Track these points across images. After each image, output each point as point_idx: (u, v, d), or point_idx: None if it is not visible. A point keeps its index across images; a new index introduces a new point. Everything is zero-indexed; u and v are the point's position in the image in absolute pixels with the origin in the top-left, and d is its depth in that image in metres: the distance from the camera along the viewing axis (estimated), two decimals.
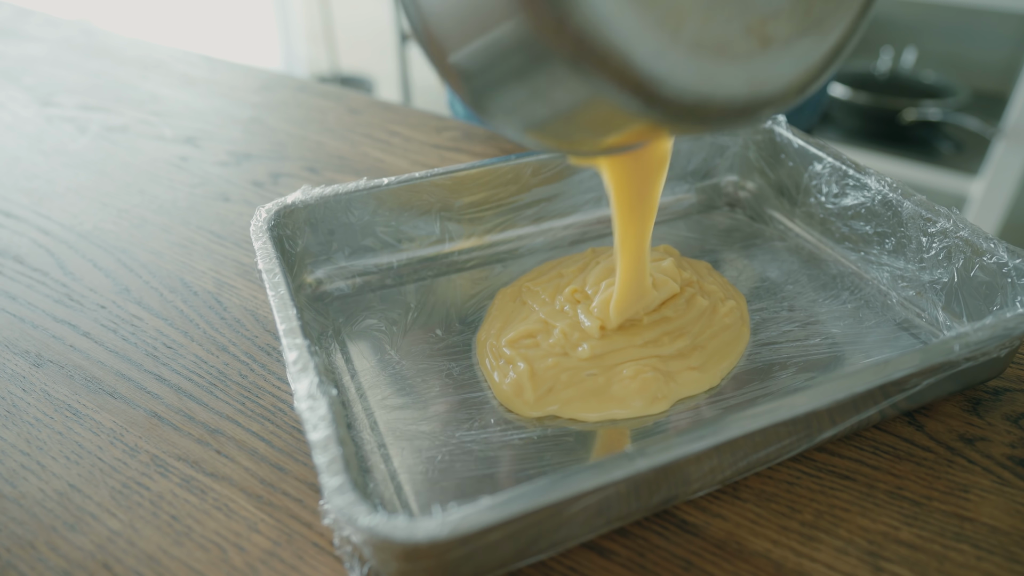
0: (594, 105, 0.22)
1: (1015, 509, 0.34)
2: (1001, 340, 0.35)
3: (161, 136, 0.71)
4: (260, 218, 0.45)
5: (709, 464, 0.32)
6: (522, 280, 0.48)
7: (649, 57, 0.20)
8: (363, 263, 0.49)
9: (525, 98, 0.23)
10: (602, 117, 0.23)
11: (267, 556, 0.33)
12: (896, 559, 0.32)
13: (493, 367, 0.41)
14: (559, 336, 0.42)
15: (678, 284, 0.44)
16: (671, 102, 0.21)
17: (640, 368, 0.40)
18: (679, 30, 0.20)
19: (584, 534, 0.32)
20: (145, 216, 0.58)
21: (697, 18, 0.20)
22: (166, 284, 0.50)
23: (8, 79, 0.84)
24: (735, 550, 0.33)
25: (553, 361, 0.41)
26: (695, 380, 0.40)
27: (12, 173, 0.65)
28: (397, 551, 0.27)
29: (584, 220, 0.54)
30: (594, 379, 0.40)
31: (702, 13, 0.20)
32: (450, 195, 0.49)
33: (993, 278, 0.41)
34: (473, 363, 0.42)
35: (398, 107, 0.77)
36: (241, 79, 0.85)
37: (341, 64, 2.67)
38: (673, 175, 0.56)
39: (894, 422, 0.38)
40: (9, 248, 0.54)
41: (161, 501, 0.35)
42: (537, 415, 0.39)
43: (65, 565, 0.33)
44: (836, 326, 0.44)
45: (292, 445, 0.38)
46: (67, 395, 0.41)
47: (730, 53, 0.21)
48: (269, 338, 0.45)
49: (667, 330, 0.43)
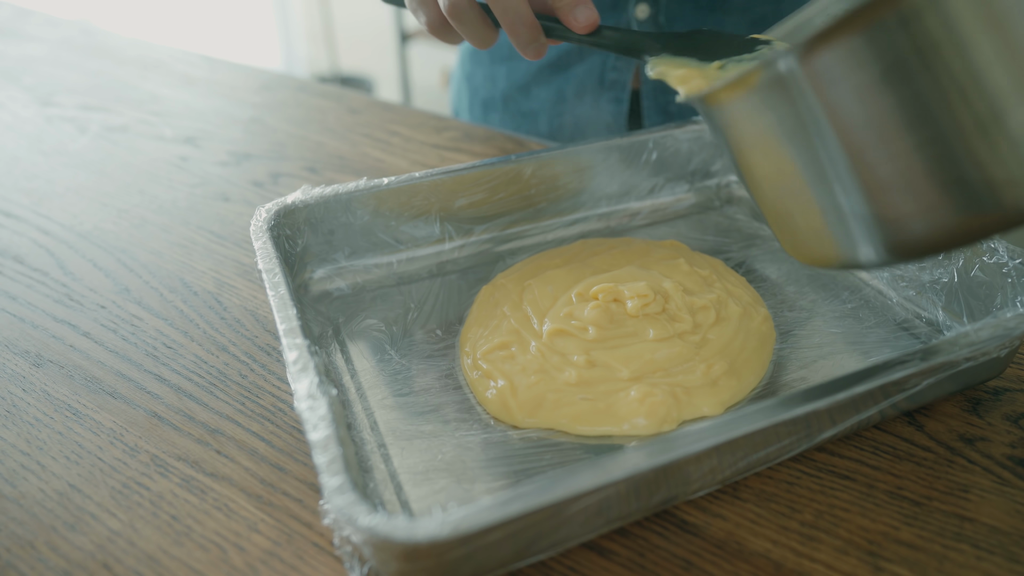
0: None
1: (1015, 509, 0.34)
2: (1001, 340, 0.35)
3: (161, 136, 0.71)
4: (260, 218, 0.45)
5: (709, 464, 0.32)
6: (498, 278, 0.47)
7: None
8: (363, 263, 0.49)
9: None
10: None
11: (267, 556, 0.33)
12: (896, 559, 0.32)
13: (473, 380, 0.41)
14: (536, 354, 0.41)
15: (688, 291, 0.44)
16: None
17: (648, 390, 0.38)
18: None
19: (584, 534, 0.32)
20: (145, 216, 0.58)
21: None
22: (166, 284, 0.50)
23: (8, 79, 0.84)
24: (735, 550, 0.33)
25: (536, 379, 0.39)
26: (716, 403, 0.38)
27: (12, 173, 0.65)
28: (397, 551, 0.27)
29: (584, 220, 0.54)
30: (591, 403, 0.38)
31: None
32: (450, 195, 0.49)
33: (993, 278, 0.41)
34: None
35: (398, 107, 0.77)
36: (241, 79, 0.85)
37: (341, 64, 2.67)
38: (673, 175, 0.56)
39: (894, 422, 0.38)
40: (9, 248, 0.54)
41: (161, 501, 0.35)
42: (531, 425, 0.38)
43: (65, 565, 0.33)
44: (836, 326, 0.44)
45: (292, 445, 0.38)
46: (67, 395, 0.41)
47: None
48: (269, 338, 0.45)
49: (704, 356, 0.41)
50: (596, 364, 0.40)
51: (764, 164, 0.33)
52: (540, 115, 0.75)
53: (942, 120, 0.26)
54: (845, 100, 0.27)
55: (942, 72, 0.25)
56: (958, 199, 0.27)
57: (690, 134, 0.55)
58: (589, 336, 0.41)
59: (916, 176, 0.27)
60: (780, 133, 0.30)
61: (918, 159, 0.27)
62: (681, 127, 0.55)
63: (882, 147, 0.27)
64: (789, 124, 0.30)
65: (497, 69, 0.77)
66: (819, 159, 0.30)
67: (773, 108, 0.30)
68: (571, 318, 0.43)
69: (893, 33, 0.25)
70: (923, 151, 0.27)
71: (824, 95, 0.28)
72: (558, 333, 0.42)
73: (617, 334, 0.42)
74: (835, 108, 0.28)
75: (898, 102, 0.26)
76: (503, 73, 0.76)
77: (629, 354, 0.40)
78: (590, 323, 0.42)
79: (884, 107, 0.27)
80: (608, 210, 0.55)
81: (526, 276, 0.47)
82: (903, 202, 0.28)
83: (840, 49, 0.27)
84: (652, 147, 0.54)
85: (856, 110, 0.27)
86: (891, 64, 0.26)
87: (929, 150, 0.27)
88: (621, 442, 0.37)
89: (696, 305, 0.43)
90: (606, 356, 0.40)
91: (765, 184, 0.34)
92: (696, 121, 0.55)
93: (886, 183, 0.28)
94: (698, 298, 0.44)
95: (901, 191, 0.28)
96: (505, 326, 0.43)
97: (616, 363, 0.40)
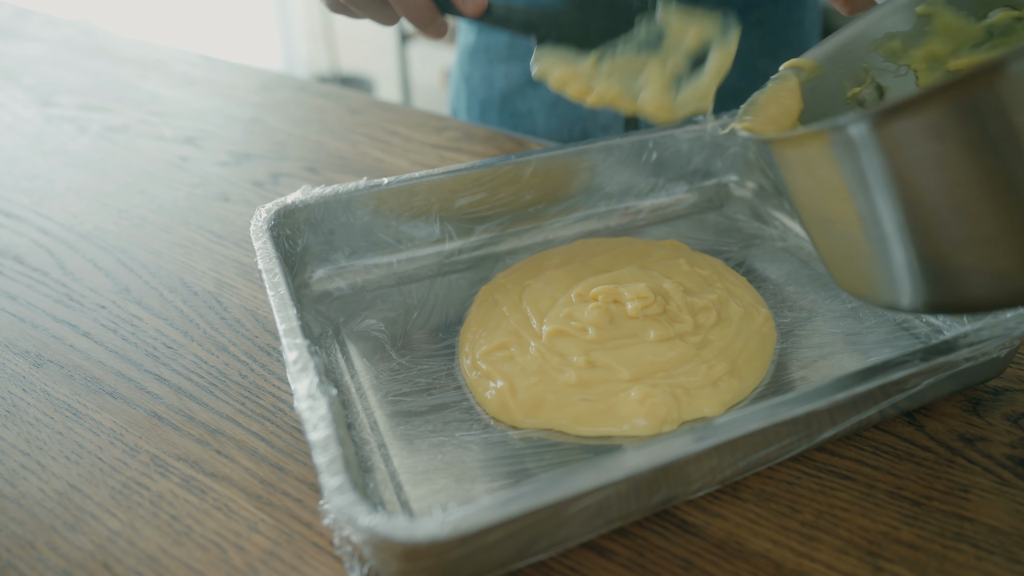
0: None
1: (1015, 509, 0.34)
2: (1001, 340, 0.35)
3: (161, 136, 0.71)
4: (260, 218, 0.45)
5: (709, 464, 0.32)
6: (497, 278, 0.47)
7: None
8: (363, 263, 0.49)
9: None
10: None
11: (267, 556, 0.33)
12: (896, 559, 0.32)
13: (472, 381, 0.40)
14: (535, 355, 0.41)
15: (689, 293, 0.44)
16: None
17: (648, 391, 0.38)
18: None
19: (584, 534, 0.32)
20: (145, 216, 0.58)
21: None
22: (166, 284, 0.50)
23: (8, 79, 0.84)
24: (735, 550, 0.33)
25: (535, 379, 0.39)
26: (717, 404, 0.38)
27: (12, 173, 0.65)
28: (397, 551, 0.27)
29: (584, 220, 0.54)
30: (591, 403, 0.38)
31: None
32: (450, 195, 0.49)
33: None
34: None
35: (398, 107, 0.77)
36: (241, 79, 0.85)
37: (341, 64, 2.67)
38: (673, 175, 0.56)
39: (894, 422, 0.38)
40: (9, 248, 0.54)
41: (161, 501, 0.35)
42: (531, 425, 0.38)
43: (65, 565, 0.33)
44: (836, 326, 0.44)
45: (292, 445, 0.38)
46: (67, 395, 0.41)
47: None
48: (269, 338, 0.45)
49: (705, 357, 0.41)
50: (596, 365, 0.40)
51: (822, 210, 0.33)
52: (538, 116, 0.75)
53: (1011, 196, 0.26)
54: (915, 167, 0.27)
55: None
56: (1014, 272, 0.28)
57: (690, 134, 0.55)
58: (589, 337, 0.41)
59: (975, 246, 0.28)
60: (840, 185, 0.30)
61: (988, 226, 0.27)
62: (681, 127, 0.55)
63: (947, 213, 0.28)
64: (852, 180, 0.29)
65: (495, 70, 0.77)
66: (878, 215, 0.29)
67: (837, 162, 0.30)
68: (571, 319, 0.42)
69: (980, 110, 0.25)
70: (984, 223, 0.27)
71: (894, 160, 0.28)
72: (558, 334, 0.42)
73: (617, 335, 0.41)
74: (903, 173, 0.28)
75: (977, 172, 0.26)
76: (501, 74, 0.76)
77: (629, 355, 0.40)
78: (590, 324, 0.42)
79: (954, 179, 0.27)
80: (608, 210, 0.55)
81: (525, 276, 0.47)
82: (957, 267, 0.28)
83: (923, 120, 0.26)
84: (652, 147, 0.54)
85: (925, 177, 0.27)
86: (974, 139, 0.26)
87: (991, 223, 0.27)
88: (621, 443, 0.37)
89: (697, 306, 0.43)
90: (606, 357, 0.40)
91: (820, 226, 0.34)
92: (696, 121, 0.55)
93: (943, 248, 0.28)
94: (699, 298, 0.44)
95: (958, 256, 0.28)
96: (504, 326, 0.43)
97: (616, 364, 0.40)
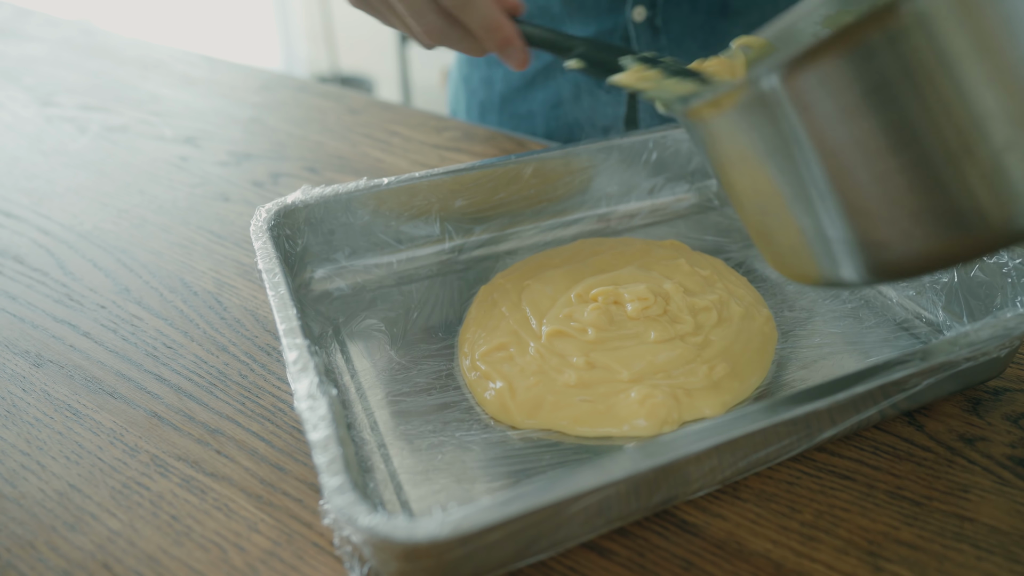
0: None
1: (1015, 509, 0.34)
2: (1001, 340, 0.35)
3: (161, 136, 0.71)
4: (260, 218, 0.45)
5: (709, 464, 0.32)
6: (497, 278, 0.47)
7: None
8: (363, 263, 0.49)
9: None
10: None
11: (267, 556, 0.33)
12: (896, 559, 0.32)
13: (472, 381, 0.40)
14: (535, 355, 0.41)
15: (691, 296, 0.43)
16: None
17: (649, 392, 0.38)
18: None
19: (584, 534, 0.32)
20: (145, 216, 0.58)
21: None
22: (166, 284, 0.50)
23: (8, 79, 0.84)
24: (735, 550, 0.33)
25: (535, 380, 0.39)
26: (718, 404, 0.38)
27: (12, 173, 0.65)
28: (397, 551, 0.27)
29: (583, 220, 0.54)
30: (591, 404, 0.38)
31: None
32: (450, 195, 0.49)
33: (993, 278, 0.41)
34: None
35: (398, 107, 0.77)
36: (241, 79, 0.85)
37: (341, 64, 2.67)
38: (673, 175, 0.56)
39: (894, 422, 0.38)
40: (9, 248, 0.54)
41: (161, 501, 0.35)
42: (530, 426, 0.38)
43: (65, 565, 0.33)
44: (836, 326, 0.44)
45: (292, 445, 0.38)
46: (67, 395, 0.41)
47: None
48: (269, 338, 0.45)
49: (706, 358, 0.40)
50: (596, 366, 0.40)
51: (745, 181, 0.32)
52: (537, 117, 0.75)
53: (927, 142, 0.26)
54: (828, 121, 0.27)
55: (928, 93, 0.25)
56: (943, 222, 0.27)
57: None
58: (588, 337, 0.41)
59: (900, 199, 0.27)
60: (761, 152, 0.30)
61: (902, 182, 0.27)
62: (680, 127, 0.55)
63: (865, 169, 0.27)
64: (771, 143, 0.29)
65: (494, 72, 0.76)
66: (801, 180, 0.29)
67: (755, 127, 0.29)
68: (570, 319, 0.42)
69: (879, 53, 0.25)
70: (907, 173, 0.26)
71: (807, 115, 0.27)
72: (557, 334, 0.42)
73: (617, 336, 0.41)
74: (818, 128, 0.27)
75: (882, 124, 0.26)
76: (500, 76, 0.76)
77: (629, 356, 0.40)
78: (589, 324, 0.42)
79: (868, 129, 0.26)
80: (608, 210, 0.55)
81: (525, 276, 0.47)
82: (886, 225, 0.28)
83: (824, 69, 0.26)
84: (652, 147, 0.54)
85: (839, 131, 0.27)
86: (876, 85, 0.26)
87: (913, 172, 0.26)
88: (621, 443, 0.37)
89: (698, 306, 0.43)
90: (606, 358, 0.40)
91: (746, 200, 0.33)
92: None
93: (869, 206, 0.28)
94: (699, 299, 0.44)
95: (884, 214, 0.27)
96: (504, 327, 0.43)
97: (616, 365, 0.40)
